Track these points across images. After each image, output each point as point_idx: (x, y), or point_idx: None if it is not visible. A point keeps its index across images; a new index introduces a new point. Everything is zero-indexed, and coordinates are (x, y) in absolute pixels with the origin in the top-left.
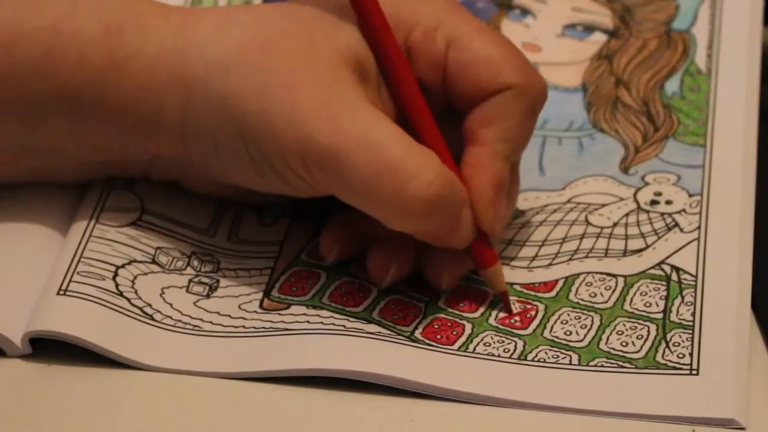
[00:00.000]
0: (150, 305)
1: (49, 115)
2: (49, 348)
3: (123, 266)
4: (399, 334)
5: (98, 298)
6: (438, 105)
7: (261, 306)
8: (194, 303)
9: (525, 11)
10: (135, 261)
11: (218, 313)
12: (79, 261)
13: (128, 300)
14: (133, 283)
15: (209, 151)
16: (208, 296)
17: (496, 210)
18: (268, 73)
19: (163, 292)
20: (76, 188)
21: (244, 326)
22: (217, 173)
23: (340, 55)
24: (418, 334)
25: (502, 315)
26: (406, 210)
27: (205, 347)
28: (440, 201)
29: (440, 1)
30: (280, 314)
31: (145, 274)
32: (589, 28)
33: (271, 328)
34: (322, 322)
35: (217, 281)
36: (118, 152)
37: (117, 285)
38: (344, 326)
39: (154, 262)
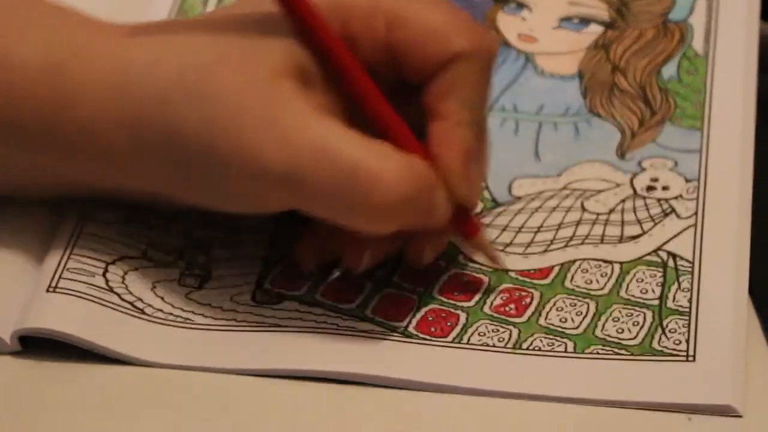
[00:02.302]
0: (141, 299)
1: (2, 144)
2: (40, 345)
3: (113, 262)
4: (393, 331)
5: (88, 294)
6: (390, 85)
7: (253, 299)
8: (186, 295)
9: (521, 5)
10: (126, 257)
11: (210, 305)
12: (69, 258)
13: (118, 295)
14: (124, 279)
15: (166, 183)
16: (200, 287)
17: (470, 181)
18: (210, 100)
19: (155, 286)
20: None
21: (235, 320)
22: (183, 200)
23: (278, 68)
24: (411, 328)
25: (497, 303)
26: (375, 216)
27: (197, 341)
28: (409, 198)
29: None
30: (272, 309)
31: (136, 269)
32: (586, 21)
33: (263, 323)
34: (315, 320)
35: (209, 272)
36: (76, 183)
37: (107, 281)
38: (337, 324)
39: (144, 257)
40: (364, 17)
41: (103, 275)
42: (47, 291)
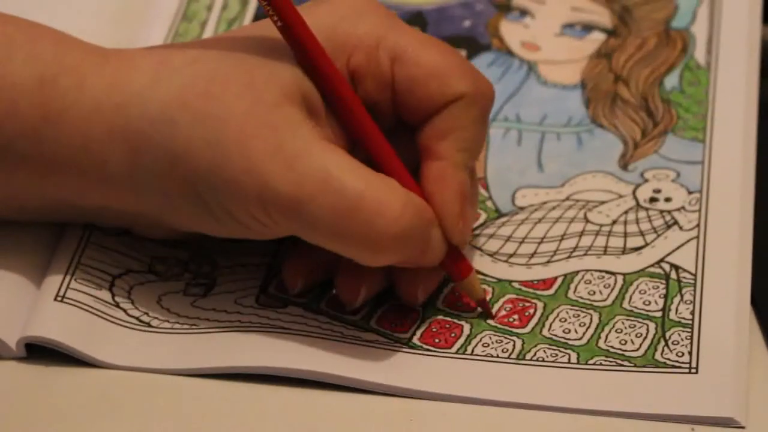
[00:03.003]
0: (147, 313)
1: None
2: (46, 349)
3: (120, 276)
4: (397, 342)
5: (94, 308)
6: (388, 122)
7: (257, 301)
8: (191, 304)
9: (524, 12)
10: (131, 271)
11: (214, 309)
12: (76, 267)
13: (125, 311)
14: (130, 293)
15: (163, 204)
16: (205, 295)
17: (465, 222)
18: (216, 123)
19: (160, 300)
20: None
21: (240, 321)
22: (173, 223)
23: (284, 94)
24: (416, 340)
25: (501, 313)
26: (376, 247)
27: (202, 344)
28: (410, 231)
29: (376, 19)
30: (276, 312)
31: (142, 283)
32: (588, 27)
33: (267, 324)
34: (319, 327)
35: (214, 279)
36: (57, 203)
37: (113, 295)
38: (342, 333)
39: (150, 271)
40: (368, 53)
41: (110, 289)
42: (55, 300)
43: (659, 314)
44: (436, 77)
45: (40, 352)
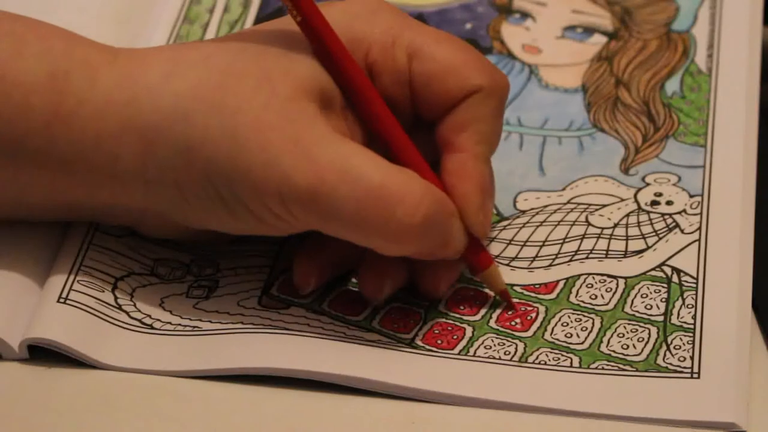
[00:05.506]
0: (149, 315)
1: None
2: (48, 350)
3: (122, 278)
4: (399, 342)
5: (97, 311)
6: (406, 118)
7: (260, 303)
8: (194, 306)
9: (525, 14)
10: (134, 273)
11: (217, 311)
12: (79, 269)
13: (127, 313)
14: (132, 296)
15: (175, 199)
16: (207, 297)
17: (485, 214)
18: (233, 114)
19: (163, 302)
20: None
21: (242, 322)
22: (184, 219)
23: (300, 88)
24: (418, 340)
25: (504, 317)
26: (397, 236)
27: (204, 346)
28: (430, 221)
29: (390, 16)
30: (279, 313)
31: (144, 286)
32: (589, 30)
33: (270, 326)
34: (322, 327)
35: (217, 282)
36: (67, 200)
37: (116, 298)
38: (344, 333)
39: (153, 273)
40: (384, 49)
41: (112, 291)
42: (57, 301)
43: (661, 318)
44: (454, 72)
45: (43, 353)
